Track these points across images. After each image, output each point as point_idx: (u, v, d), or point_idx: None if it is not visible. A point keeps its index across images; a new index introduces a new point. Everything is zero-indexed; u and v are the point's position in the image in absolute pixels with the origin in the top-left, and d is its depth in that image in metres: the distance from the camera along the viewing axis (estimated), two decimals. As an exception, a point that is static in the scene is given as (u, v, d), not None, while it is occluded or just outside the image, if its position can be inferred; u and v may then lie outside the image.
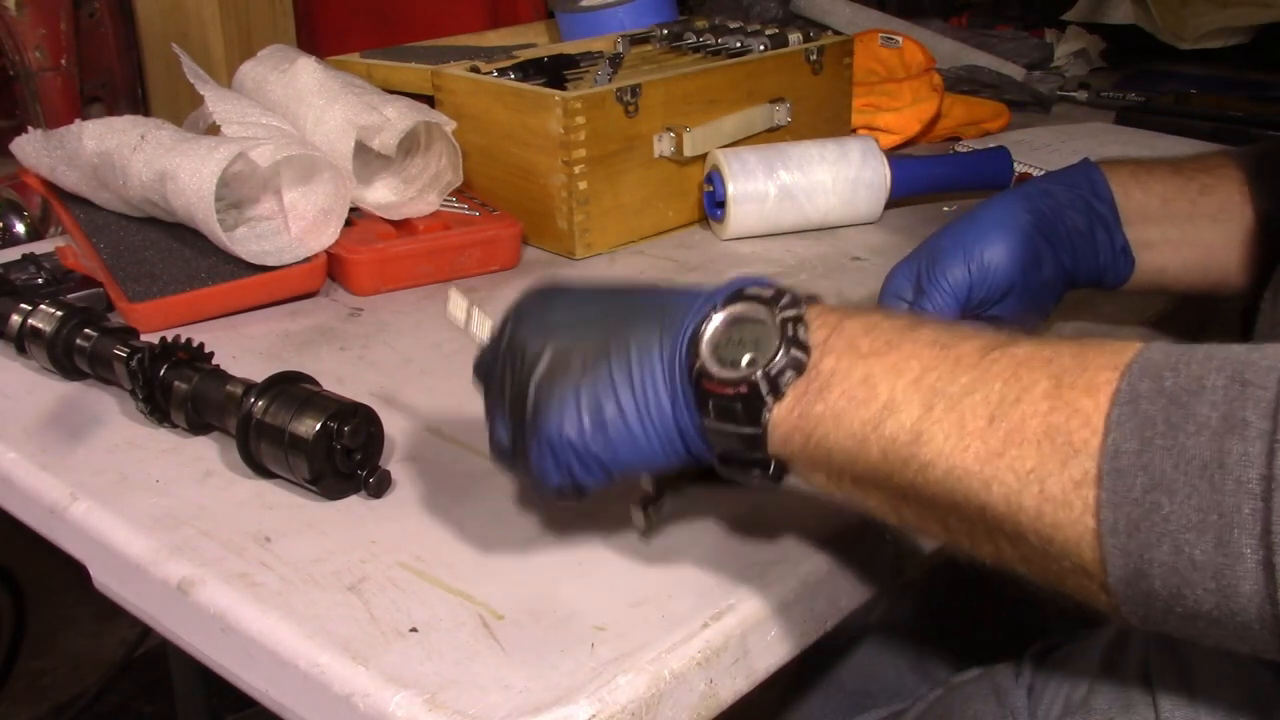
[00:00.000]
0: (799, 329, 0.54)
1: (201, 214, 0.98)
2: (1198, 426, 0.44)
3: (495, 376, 0.61)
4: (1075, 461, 0.46)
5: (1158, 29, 1.81)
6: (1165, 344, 0.48)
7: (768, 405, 0.54)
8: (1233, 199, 0.82)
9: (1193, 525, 0.44)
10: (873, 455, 0.52)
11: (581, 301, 0.61)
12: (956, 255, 0.81)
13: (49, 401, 0.86)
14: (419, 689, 0.56)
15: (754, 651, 0.63)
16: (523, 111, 1.11)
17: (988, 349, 0.51)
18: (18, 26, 1.82)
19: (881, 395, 0.51)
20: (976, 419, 0.49)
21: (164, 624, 0.68)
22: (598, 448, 0.57)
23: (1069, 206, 0.82)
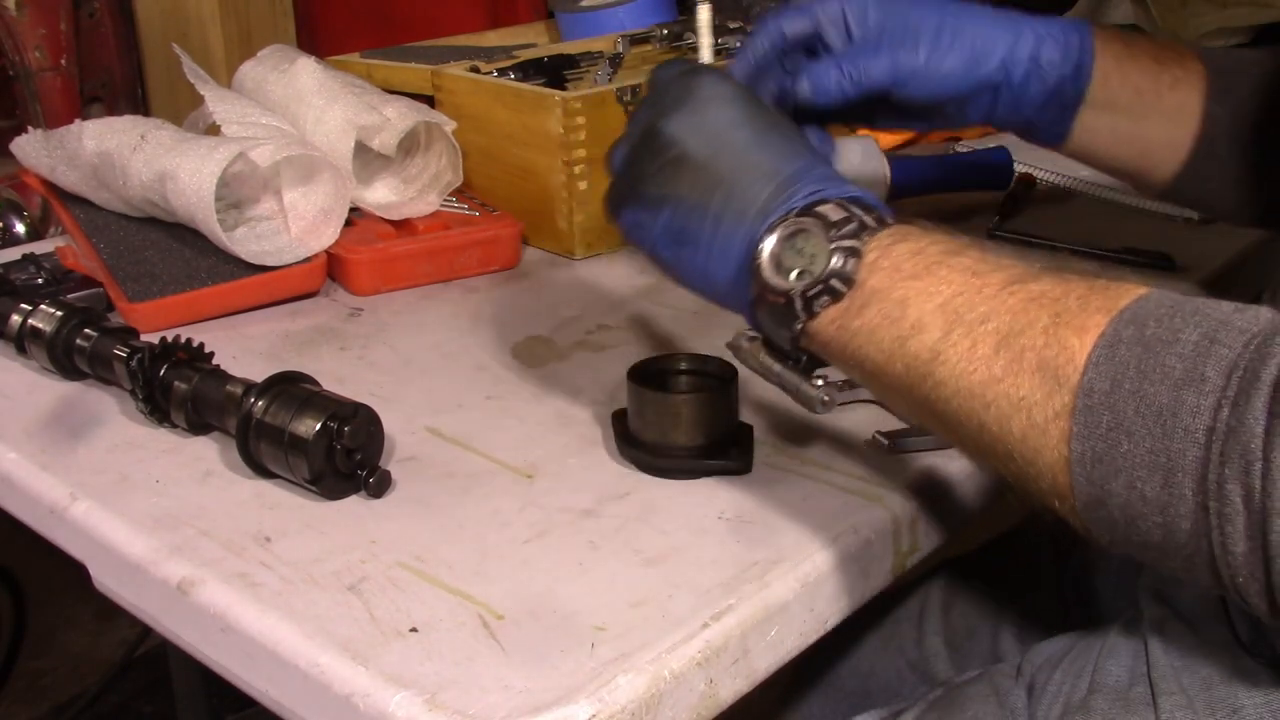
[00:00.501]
0: (848, 261, 0.58)
1: (201, 214, 0.98)
2: (1163, 375, 0.49)
3: (637, 123, 0.67)
4: (1058, 394, 0.51)
5: (1158, 29, 1.81)
6: (1165, 294, 0.52)
7: (800, 320, 0.60)
8: (1192, 99, 0.84)
9: (1145, 465, 0.49)
10: (897, 369, 0.57)
11: (732, 123, 0.64)
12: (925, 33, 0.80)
13: (49, 401, 0.86)
14: (419, 689, 0.56)
15: (754, 651, 0.63)
16: (523, 111, 1.11)
17: (1010, 281, 0.55)
18: (18, 26, 1.82)
19: (911, 316, 0.56)
20: (985, 346, 0.54)
21: (164, 624, 0.68)
22: (671, 256, 0.64)
23: (1046, 65, 0.82)
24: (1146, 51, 0.84)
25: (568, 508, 0.72)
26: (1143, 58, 0.84)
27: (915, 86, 0.79)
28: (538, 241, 1.14)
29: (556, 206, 1.10)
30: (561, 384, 0.88)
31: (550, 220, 1.12)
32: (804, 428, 0.81)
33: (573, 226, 1.10)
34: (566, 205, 1.10)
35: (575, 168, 1.08)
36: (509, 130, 1.12)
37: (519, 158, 1.12)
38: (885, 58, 0.78)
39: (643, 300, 1.03)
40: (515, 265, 1.10)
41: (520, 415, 0.83)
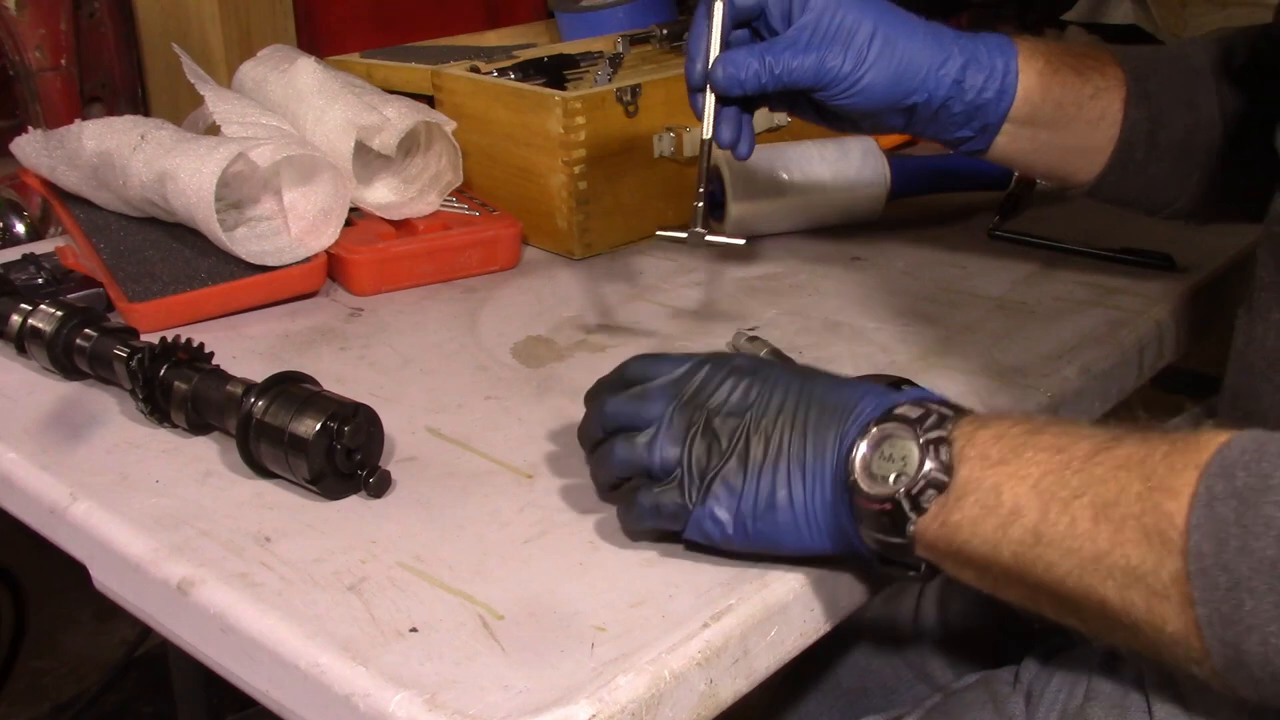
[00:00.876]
0: (941, 450, 0.58)
1: (201, 214, 0.98)
2: (1265, 526, 0.49)
3: (662, 410, 0.65)
4: (1169, 560, 0.51)
5: (1158, 29, 1.81)
6: (1247, 437, 0.52)
7: (911, 520, 0.58)
8: (1112, 106, 0.86)
9: (1273, 619, 0.48)
10: (1005, 557, 0.56)
11: (780, 385, 0.64)
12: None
13: (49, 401, 0.86)
14: (419, 689, 0.56)
15: (754, 651, 0.63)
16: (523, 111, 1.11)
17: (1095, 451, 0.55)
18: (18, 26, 1.82)
19: (1007, 502, 0.56)
20: (1084, 520, 0.53)
21: (164, 624, 0.68)
22: (764, 526, 0.62)
23: (969, 88, 0.82)
24: (1068, 65, 0.85)
25: (567, 508, 0.72)
26: (1065, 71, 0.85)
27: (834, 92, 0.80)
28: (538, 241, 1.14)
29: (556, 206, 1.10)
30: (561, 384, 0.88)
31: (550, 220, 1.12)
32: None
33: (573, 226, 1.10)
34: (566, 205, 1.10)
35: (575, 168, 1.08)
36: (509, 130, 1.12)
37: (519, 158, 1.13)
38: (811, 58, 0.78)
39: (643, 300, 1.03)
40: (515, 265, 1.10)
41: (520, 415, 0.83)
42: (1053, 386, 0.86)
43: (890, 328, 0.96)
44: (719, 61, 0.77)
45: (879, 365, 0.89)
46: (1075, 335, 0.94)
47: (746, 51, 0.78)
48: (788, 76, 0.78)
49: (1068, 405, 0.87)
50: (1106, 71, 0.86)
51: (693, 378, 0.66)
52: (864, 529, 0.60)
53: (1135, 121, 0.86)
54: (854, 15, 0.78)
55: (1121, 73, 0.86)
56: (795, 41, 0.78)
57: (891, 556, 0.60)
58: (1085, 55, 0.87)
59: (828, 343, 0.93)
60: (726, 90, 0.78)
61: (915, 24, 0.81)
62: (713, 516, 0.63)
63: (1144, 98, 0.86)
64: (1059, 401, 0.86)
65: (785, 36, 0.79)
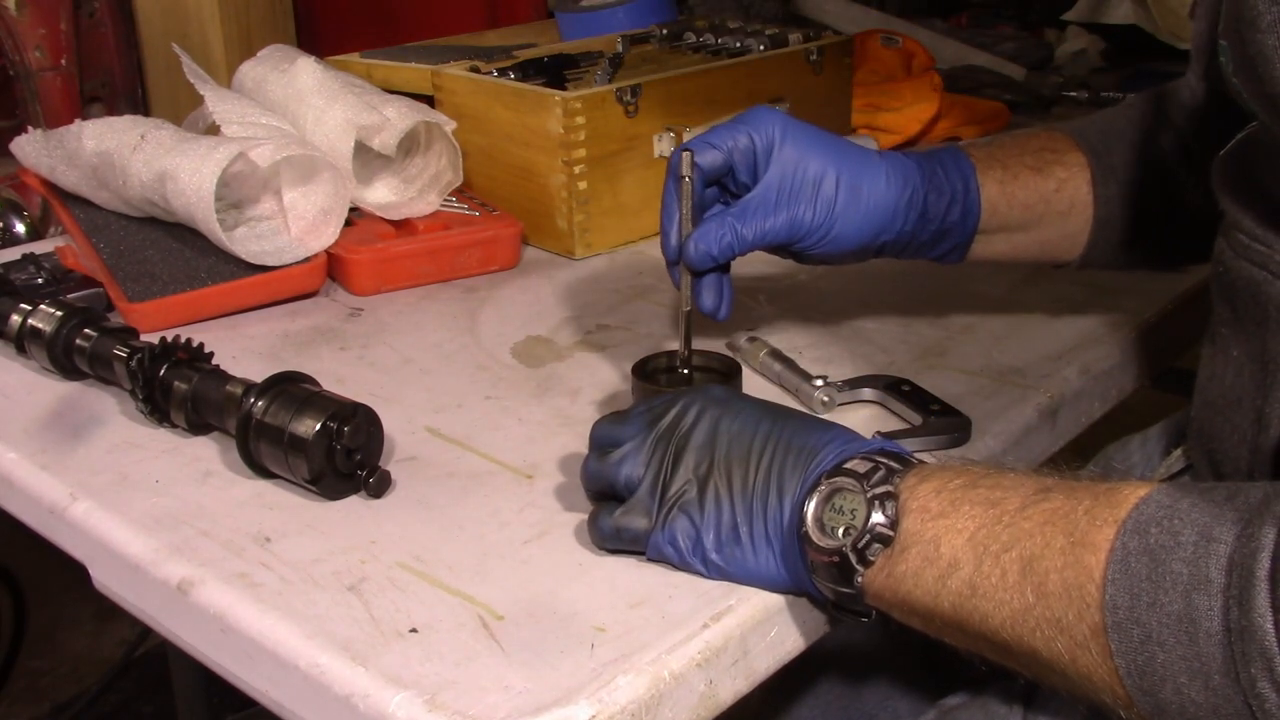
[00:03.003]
0: (887, 505, 0.60)
1: (201, 214, 0.98)
2: (1172, 583, 0.51)
3: (638, 434, 0.67)
4: (1088, 613, 0.53)
5: (1158, 29, 1.81)
6: (1164, 492, 0.54)
7: (859, 572, 0.60)
8: (1080, 191, 0.87)
9: (1184, 671, 0.50)
10: (945, 608, 0.58)
11: (750, 422, 0.66)
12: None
13: (49, 401, 0.86)
14: (419, 689, 0.56)
15: (754, 652, 0.63)
16: (523, 111, 1.11)
17: (1024, 505, 0.57)
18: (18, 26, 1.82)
19: (945, 554, 0.58)
20: (1013, 573, 0.55)
21: (164, 624, 0.68)
22: (721, 559, 0.64)
23: (932, 216, 0.83)
24: (1025, 165, 0.86)
25: (568, 508, 0.72)
26: (1024, 174, 0.86)
27: (808, 244, 0.80)
28: (538, 241, 1.14)
29: (556, 206, 1.10)
30: (561, 384, 0.88)
31: (550, 220, 1.12)
32: (804, 428, 0.81)
33: (573, 226, 1.10)
34: (566, 205, 1.10)
35: (575, 168, 1.08)
36: (509, 130, 1.12)
37: (519, 158, 1.12)
38: (782, 216, 0.79)
39: (643, 300, 1.03)
40: (515, 265, 1.10)
41: (520, 415, 0.83)
42: (1053, 386, 0.86)
43: (890, 328, 0.96)
44: (691, 239, 0.78)
45: (879, 365, 0.89)
46: (1075, 335, 0.94)
47: (717, 223, 0.78)
48: (761, 240, 0.79)
49: (1068, 405, 0.87)
50: (1066, 160, 0.87)
51: (670, 407, 0.68)
52: (816, 578, 0.61)
53: (1106, 200, 0.87)
54: (817, 166, 0.79)
55: (1082, 155, 0.87)
56: (764, 203, 0.79)
57: (844, 604, 0.62)
58: (1042, 149, 0.87)
59: (828, 343, 0.93)
60: (701, 266, 0.79)
61: (876, 163, 0.81)
62: (673, 542, 0.64)
63: (1109, 174, 0.87)
64: (1059, 402, 0.86)
65: (754, 198, 0.79)
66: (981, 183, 0.84)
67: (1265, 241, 0.65)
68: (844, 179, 0.79)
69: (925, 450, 0.77)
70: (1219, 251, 0.70)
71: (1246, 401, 0.67)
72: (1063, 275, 1.05)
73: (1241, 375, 0.68)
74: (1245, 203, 0.67)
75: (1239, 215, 0.67)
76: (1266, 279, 0.64)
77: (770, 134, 0.79)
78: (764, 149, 0.79)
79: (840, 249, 0.81)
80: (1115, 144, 0.88)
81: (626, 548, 0.66)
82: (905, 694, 0.90)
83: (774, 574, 0.63)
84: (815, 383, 0.83)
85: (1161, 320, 0.98)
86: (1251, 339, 0.67)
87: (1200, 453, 0.74)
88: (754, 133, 0.79)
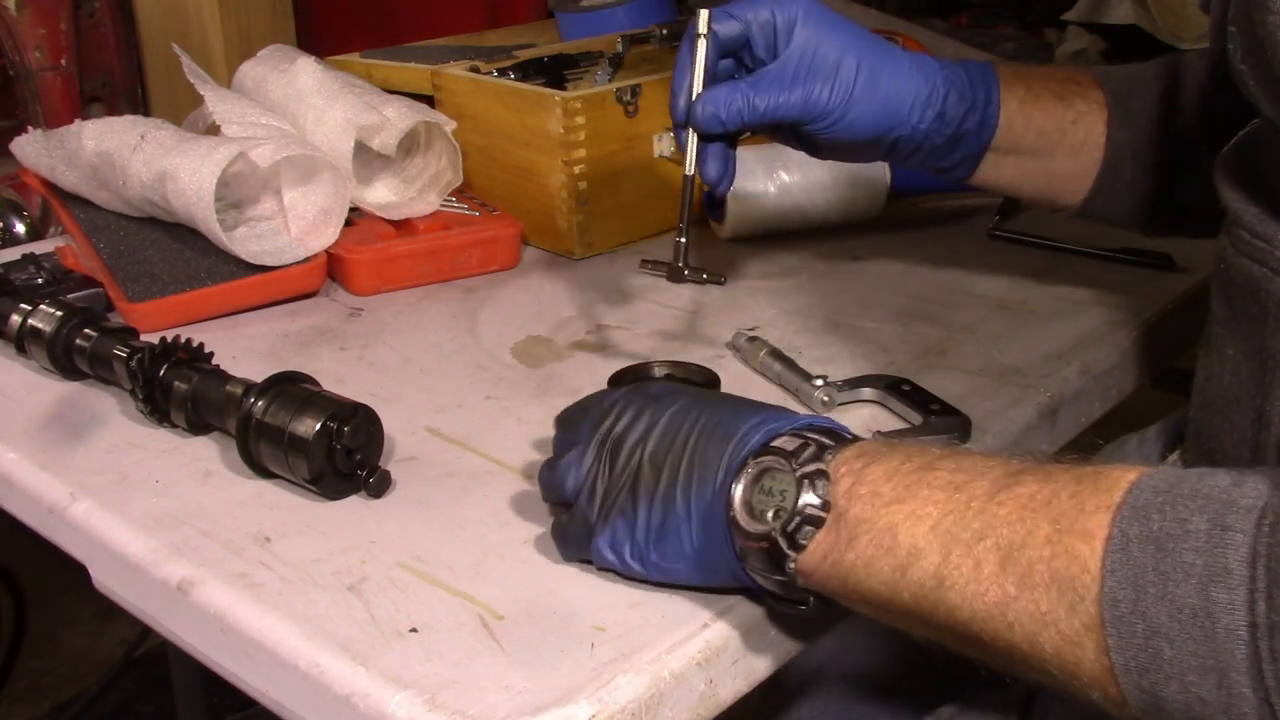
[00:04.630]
0: (817, 484, 0.56)
1: (201, 214, 0.98)
2: (1184, 574, 0.48)
3: (591, 448, 0.65)
4: (1081, 606, 0.50)
5: (1158, 29, 1.81)
6: (1157, 477, 0.51)
7: (790, 558, 0.57)
8: (1096, 129, 0.86)
9: (1194, 668, 0.47)
10: (905, 599, 0.55)
11: (679, 413, 0.63)
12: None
13: (49, 401, 0.86)
14: (419, 689, 0.56)
15: (754, 651, 0.63)
16: (523, 111, 1.11)
17: (995, 489, 0.53)
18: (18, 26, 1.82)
19: (904, 543, 0.54)
20: (990, 563, 0.52)
21: (164, 624, 0.68)
22: (658, 557, 0.61)
23: (950, 120, 0.82)
24: (1050, 90, 0.85)
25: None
26: (1046, 97, 0.85)
27: (820, 126, 0.79)
28: (538, 241, 1.14)
29: (556, 206, 1.10)
30: (561, 384, 0.88)
31: (550, 220, 1.12)
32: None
33: (573, 226, 1.10)
34: (566, 205, 1.10)
35: (575, 168, 1.08)
36: (509, 130, 1.12)
37: (519, 158, 1.13)
38: (797, 93, 0.77)
39: (643, 300, 1.03)
40: (515, 265, 1.10)
41: (520, 415, 0.83)
42: (1053, 386, 0.86)
43: (890, 328, 0.96)
44: (700, 99, 0.76)
45: (879, 365, 0.89)
46: (1075, 335, 0.94)
47: (729, 88, 0.76)
48: (772, 113, 0.77)
49: (1068, 405, 0.87)
50: (1088, 95, 0.86)
51: (611, 407, 0.66)
52: (748, 566, 0.58)
53: (1119, 143, 0.86)
54: (839, 48, 0.77)
55: (1103, 95, 0.86)
56: (780, 76, 0.77)
57: (778, 593, 0.59)
58: (1067, 79, 0.87)
59: (828, 343, 0.93)
60: (708, 128, 0.77)
61: (899, 56, 0.80)
62: (611, 544, 0.62)
63: (1127, 119, 0.86)
64: (1059, 402, 0.86)
65: (770, 70, 0.77)
66: (1003, 98, 0.83)
67: (1266, 237, 0.64)
68: (864, 64, 0.78)
69: None
70: (1220, 249, 0.70)
71: (1245, 400, 0.67)
72: (1063, 274, 1.05)
73: (1239, 374, 0.68)
74: (1247, 198, 0.66)
75: (1241, 211, 0.66)
76: (1266, 275, 0.64)
77: (792, 12, 0.77)
78: (785, 26, 0.77)
79: (853, 136, 0.79)
80: (1137, 93, 0.87)
81: (574, 555, 0.65)
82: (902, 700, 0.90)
83: (710, 570, 0.60)
84: (815, 383, 0.83)
85: (1161, 320, 0.98)
86: (1250, 337, 0.67)
87: (1198, 454, 0.74)
88: (776, 9, 0.77)
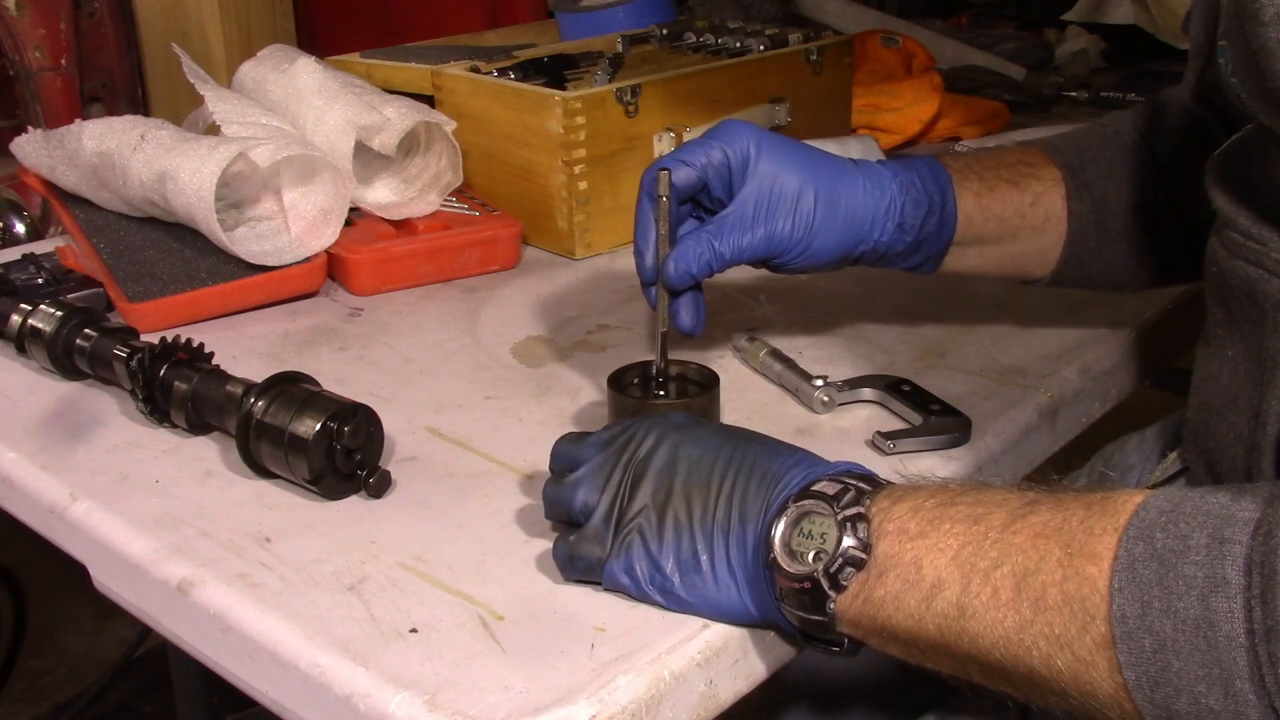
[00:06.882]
0: (859, 527, 0.58)
1: (201, 214, 0.98)
2: (1186, 587, 0.49)
3: (607, 471, 0.65)
4: (1093, 625, 0.51)
5: (1158, 29, 1.81)
6: (1162, 497, 0.52)
7: (831, 599, 0.58)
8: (1055, 205, 0.86)
9: (1201, 679, 0.49)
10: (930, 631, 0.56)
11: (710, 448, 0.64)
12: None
13: (49, 401, 0.86)
14: (419, 689, 0.56)
15: (754, 652, 0.63)
16: (523, 111, 1.11)
17: (1011, 520, 0.55)
18: (18, 26, 1.82)
19: (928, 576, 0.56)
20: (1006, 589, 0.54)
21: (164, 624, 0.68)
22: (683, 589, 0.62)
23: (909, 227, 0.82)
24: (1002, 178, 0.85)
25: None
26: (1000, 186, 0.85)
27: (786, 259, 0.80)
28: (538, 241, 1.14)
29: (556, 206, 1.10)
30: (561, 384, 0.88)
31: (550, 220, 1.12)
32: (803, 428, 0.81)
33: (573, 226, 1.10)
34: (566, 205, 1.10)
35: (575, 168, 1.08)
36: (509, 130, 1.12)
37: (519, 158, 1.13)
38: (760, 232, 0.78)
39: (643, 300, 1.02)
40: (515, 265, 1.10)
41: (520, 415, 0.83)
42: (1053, 386, 0.86)
43: (890, 328, 0.96)
44: (670, 259, 0.77)
45: (879, 365, 0.89)
46: (1075, 335, 0.94)
47: (694, 241, 0.77)
48: (739, 256, 0.78)
49: (1068, 405, 0.87)
50: (1041, 174, 0.86)
51: (629, 431, 0.66)
52: (785, 606, 0.59)
53: (1080, 215, 0.86)
54: (795, 181, 0.78)
55: (1057, 170, 0.86)
56: (741, 219, 0.78)
57: (814, 633, 0.60)
58: (1018, 163, 0.87)
59: (828, 343, 0.93)
60: (680, 285, 0.78)
61: (853, 174, 0.80)
62: (628, 571, 0.62)
63: (1083, 189, 0.86)
64: (1059, 402, 0.86)
65: (731, 214, 0.78)
66: (958, 195, 0.83)
67: (1260, 239, 0.64)
68: (821, 192, 0.78)
69: (926, 450, 0.77)
70: (1212, 252, 0.70)
71: (1243, 400, 0.67)
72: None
73: (1237, 375, 0.68)
74: (1239, 201, 0.66)
75: (1233, 214, 0.67)
76: (1262, 276, 0.64)
77: (744, 149, 0.78)
78: (739, 164, 0.78)
79: (818, 262, 0.81)
80: (1092, 161, 0.87)
81: (580, 576, 0.64)
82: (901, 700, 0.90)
83: (737, 604, 0.61)
84: (815, 383, 0.83)
85: (1161, 320, 0.98)
86: (1247, 338, 0.67)
87: (1196, 454, 0.74)
88: (728, 148, 0.78)
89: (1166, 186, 0.86)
